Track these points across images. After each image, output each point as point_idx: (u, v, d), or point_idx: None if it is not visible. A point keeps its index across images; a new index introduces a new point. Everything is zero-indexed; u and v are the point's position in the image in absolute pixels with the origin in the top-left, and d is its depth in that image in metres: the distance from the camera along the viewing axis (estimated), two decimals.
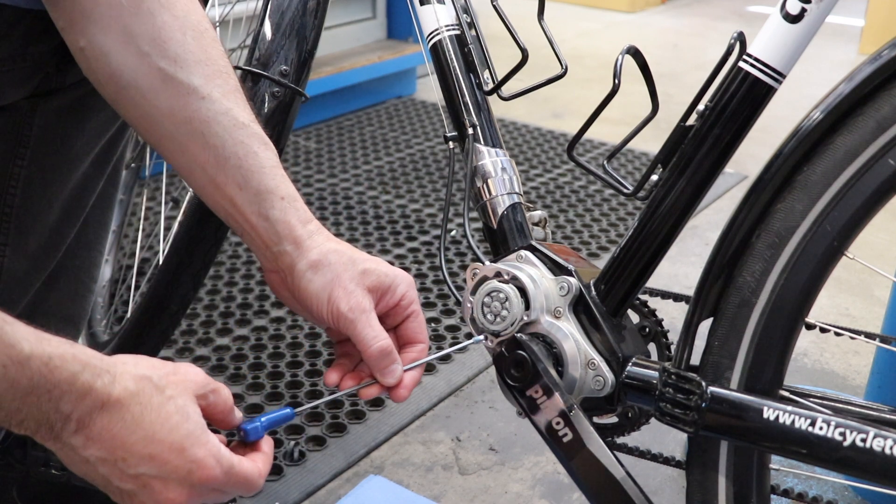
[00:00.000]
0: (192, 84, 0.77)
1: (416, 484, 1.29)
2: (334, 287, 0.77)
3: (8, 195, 0.90)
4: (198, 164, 0.78)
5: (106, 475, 0.65)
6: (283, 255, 0.78)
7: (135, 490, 0.66)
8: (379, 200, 2.19)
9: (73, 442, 0.63)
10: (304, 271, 0.77)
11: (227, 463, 0.67)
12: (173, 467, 0.65)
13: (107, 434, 0.63)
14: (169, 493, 0.66)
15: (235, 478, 0.68)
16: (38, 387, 0.60)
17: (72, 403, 0.61)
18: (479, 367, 1.55)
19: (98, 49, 0.76)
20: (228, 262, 1.85)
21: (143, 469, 0.65)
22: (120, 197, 1.39)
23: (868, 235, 0.84)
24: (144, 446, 0.64)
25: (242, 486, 0.69)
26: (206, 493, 0.68)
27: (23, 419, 0.62)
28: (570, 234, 2.04)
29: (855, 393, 1.51)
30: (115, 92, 0.78)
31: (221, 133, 0.78)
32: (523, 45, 0.86)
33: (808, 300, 0.72)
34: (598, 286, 0.82)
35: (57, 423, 0.62)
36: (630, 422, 0.87)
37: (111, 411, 0.63)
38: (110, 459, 0.64)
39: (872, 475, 0.67)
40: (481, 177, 0.89)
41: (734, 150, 0.75)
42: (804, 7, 0.69)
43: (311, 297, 0.77)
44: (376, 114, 2.78)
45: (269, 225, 0.78)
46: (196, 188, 0.81)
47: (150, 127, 0.79)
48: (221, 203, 0.79)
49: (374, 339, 0.77)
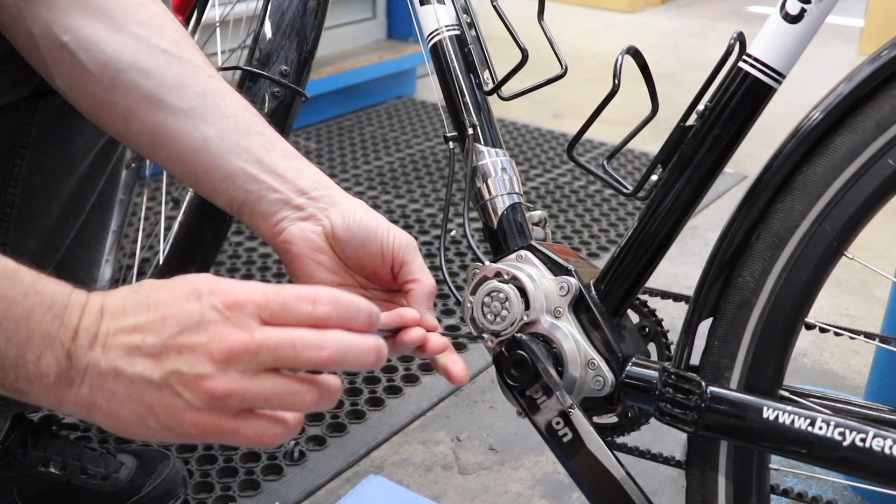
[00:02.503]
0: (196, 62, 0.77)
1: (416, 484, 1.29)
2: (384, 221, 0.76)
3: (7, 195, 0.90)
4: (217, 131, 0.75)
5: (142, 375, 0.56)
6: (327, 196, 0.76)
7: (177, 368, 0.56)
8: (379, 200, 2.19)
9: (93, 357, 0.56)
10: (356, 206, 0.76)
11: (270, 287, 0.58)
12: (194, 311, 0.57)
13: (117, 329, 0.57)
14: (201, 335, 0.56)
15: (290, 295, 0.58)
16: (36, 305, 0.55)
17: (76, 315, 0.57)
18: (479, 367, 1.55)
19: (87, 39, 0.74)
20: (228, 262, 1.85)
21: (166, 332, 0.56)
22: (120, 197, 1.39)
23: (868, 235, 0.84)
24: (155, 312, 0.57)
25: (297, 306, 0.58)
26: (256, 335, 0.57)
27: (39, 354, 0.55)
28: (570, 234, 2.04)
29: (854, 393, 1.51)
30: (110, 78, 0.74)
31: (237, 105, 0.77)
32: (523, 45, 0.86)
33: (807, 300, 0.72)
34: (598, 286, 0.82)
35: (68, 342, 0.56)
36: (630, 422, 0.87)
37: (113, 310, 0.58)
38: (133, 350, 0.56)
39: (872, 475, 0.67)
40: (481, 177, 0.89)
41: (734, 150, 0.75)
42: (804, 7, 0.69)
43: (372, 220, 0.75)
44: (376, 114, 2.78)
45: (308, 175, 0.77)
46: (207, 162, 0.75)
47: (153, 109, 0.75)
48: (243, 166, 0.75)
49: (428, 273, 0.76)
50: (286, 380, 0.58)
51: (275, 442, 0.59)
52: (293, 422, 0.60)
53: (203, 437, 0.58)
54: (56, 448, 1.13)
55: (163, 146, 0.76)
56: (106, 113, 0.76)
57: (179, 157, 0.76)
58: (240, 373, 0.56)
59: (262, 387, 0.57)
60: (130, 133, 0.77)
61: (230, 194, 0.76)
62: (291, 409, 0.59)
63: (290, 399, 0.58)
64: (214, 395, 0.56)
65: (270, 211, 0.76)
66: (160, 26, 0.77)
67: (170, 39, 0.76)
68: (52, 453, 1.12)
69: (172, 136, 0.75)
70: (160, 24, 0.77)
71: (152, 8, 0.77)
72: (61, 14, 0.73)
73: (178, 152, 0.76)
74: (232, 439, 0.58)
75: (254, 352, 0.56)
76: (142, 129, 0.76)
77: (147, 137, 0.76)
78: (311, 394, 0.59)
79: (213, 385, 0.56)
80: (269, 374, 0.57)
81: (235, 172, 0.75)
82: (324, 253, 0.76)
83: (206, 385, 0.56)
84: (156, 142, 0.76)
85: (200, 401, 0.56)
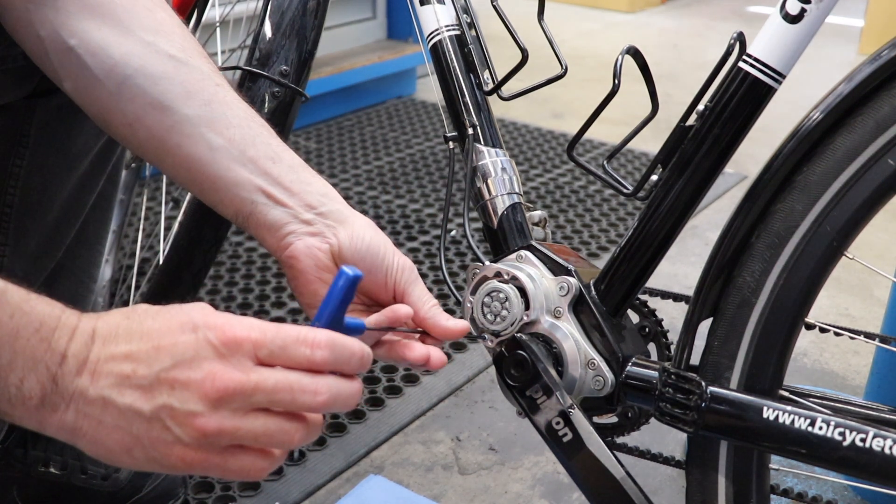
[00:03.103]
0: (204, 70, 0.76)
1: (416, 484, 1.29)
2: (390, 244, 0.77)
3: (7, 195, 0.90)
4: (224, 140, 0.74)
5: (131, 407, 0.56)
6: (335, 213, 0.76)
7: (168, 403, 0.55)
8: (379, 200, 2.19)
9: (81, 384, 0.56)
10: (364, 226, 0.76)
11: (268, 326, 0.58)
12: (189, 344, 0.56)
13: (108, 356, 0.56)
14: (196, 372, 0.55)
15: (289, 337, 0.58)
16: (22, 326, 0.54)
17: (64, 339, 0.56)
18: (479, 367, 1.55)
19: (94, 44, 0.73)
20: (229, 262, 1.85)
21: (158, 365, 0.56)
22: (120, 197, 1.39)
23: (868, 235, 0.84)
24: (149, 342, 0.56)
25: (295, 349, 0.58)
26: (251, 377, 0.56)
27: (22, 377, 0.55)
28: (570, 234, 2.04)
29: (854, 393, 1.51)
30: (117, 84, 0.74)
31: (243, 115, 0.77)
32: (523, 45, 0.86)
33: (807, 300, 0.72)
34: (598, 286, 0.82)
35: (55, 366, 0.55)
36: (630, 422, 0.87)
37: (104, 336, 0.57)
38: (124, 380, 0.56)
39: (872, 475, 0.67)
40: (481, 177, 0.89)
41: (734, 151, 0.75)
42: (804, 7, 0.69)
43: (376, 249, 0.75)
44: (376, 114, 2.78)
45: (315, 189, 0.76)
46: (213, 172, 0.75)
47: (160, 116, 0.74)
48: (250, 177, 0.74)
49: (430, 295, 0.77)
50: (276, 418, 0.58)
51: (261, 475, 0.60)
52: (279, 455, 0.60)
53: (189, 471, 0.58)
54: (56, 448, 1.13)
55: (169, 154, 0.75)
56: (113, 119, 0.76)
57: (185, 165, 0.75)
58: (232, 412, 0.57)
59: (252, 426, 0.57)
60: (137, 139, 0.76)
61: (236, 205, 0.76)
62: (279, 447, 0.60)
63: (279, 437, 0.59)
64: (205, 434, 0.56)
65: (277, 224, 0.75)
66: (168, 32, 0.76)
67: (178, 46, 0.76)
68: (52, 453, 1.12)
69: (178, 143, 0.75)
70: (168, 30, 0.76)
71: (160, 14, 0.77)
72: (69, 18, 0.73)
73: (183, 161, 0.75)
74: (219, 473, 0.58)
75: (249, 393, 0.56)
76: (148, 136, 0.75)
77: (153, 144, 0.76)
78: (299, 432, 0.59)
79: (204, 423, 0.56)
80: (261, 412, 0.58)
81: (242, 183, 0.75)
82: (328, 271, 0.76)
83: (197, 423, 0.56)
84: (162, 149, 0.75)
85: (189, 437, 0.56)
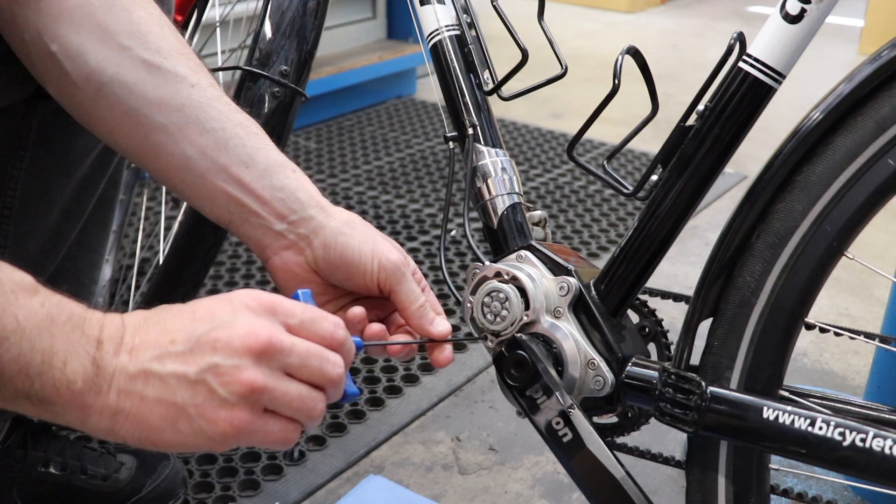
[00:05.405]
0: (179, 73, 0.75)
1: (416, 484, 1.29)
2: (377, 240, 0.76)
3: (7, 197, 0.90)
4: (196, 150, 0.74)
5: (174, 373, 0.57)
6: (306, 220, 0.76)
7: (213, 361, 0.57)
8: (379, 200, 2.19)
9: (121, 362, 0.57)
10: (339, 228, 0.75)
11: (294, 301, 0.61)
12: (226, 310, 0.58)
13: (143, 337, 0.58)
14: (237, 329, 0.57)
15: (316, 312, 0.61)
16: (55, 317, 0.56)
17: (96, 327, 0.57)
18: (478, 367, 1.55)
19: (73, 50, 0.73)
20: (228, 262, 1.85)
21: (199, 329, 0.58)
22: (120, 197, 1.39)
23: (868, 235, 0.84)
24: (183, 317, 0.59)
25: (322, 323, 0.61)
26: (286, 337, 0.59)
27: (65, 360, 0.55)
28: (570, 234, 2.04)
29: (854, 393, 1.51)
30: (94, 91, 0.74)
31: (218, 116, 0.76)
32: (523, 45, 0.86)
33: (807, 300, 0.72)
34: (598, 286, 0.82)
35: (92, 350, 0.56)
36: (630, 422, 0.87)
37: (134, 324, 0.58)
38: (163, 351, 0.57)
39: (872, 475, 0.67)
40: (481, 177, 0.89)
41: (734, 151, 0.75)
42: (804, 7, 0.69)
43: (353, 251, 0.75)
44: (376, 114, 2.78)
45: (287, 194, 0.76)
46: (190, 181, 0.76)
47: (136, 124, 0.74)
48: (223, 187, 0.75)
49: (419, 293, 0.76)
50: (306, 386, 0.60)
51: (292, 442, 0.61)
52: (301, 428, 0.62)
53: (235, 437, 0.58)
54: (56, 448, 1.13)
55: (149, 160, 0.76)
56: (94, 125, 0.77)
57: (164, 173, 0.76)
58: (271, 370, 0.58)
59: (288, 388, 0.59)
60: (118, 146, 0.77)
61: (215, 214, 0.77)
62: (305, 414, 0.61)
63: (308, 404, 0.60)
64: (252, 388, 0.57)
65: (253, 236, 0.76)
66: (144, 33, 0.75)
67: (153, 48, 0.75)
68: (52, 453, 1.12)
69: (156, 153, 0.75)
70: (144, 31, 0.75)
71: (138, 12, 0.76)
72: (50, 21, 0.72)
73: (161, 168, 0.76)
74: (261, 438, 0.59)
75: (287, 352, 0.58)
76: (127, 143, 0.76)
77: (133, 151, 0.77)
78: (321, 403, 0.61)
79: (252, 377, 0.57)
80: (292, 379, 0.59)
81: (216, 194, 0.75)
82: (309, 281, 0.77)
83: (244, 376, 0.57)
84: (142, 156, 0.76)
85: (236, 395, 0.57)
